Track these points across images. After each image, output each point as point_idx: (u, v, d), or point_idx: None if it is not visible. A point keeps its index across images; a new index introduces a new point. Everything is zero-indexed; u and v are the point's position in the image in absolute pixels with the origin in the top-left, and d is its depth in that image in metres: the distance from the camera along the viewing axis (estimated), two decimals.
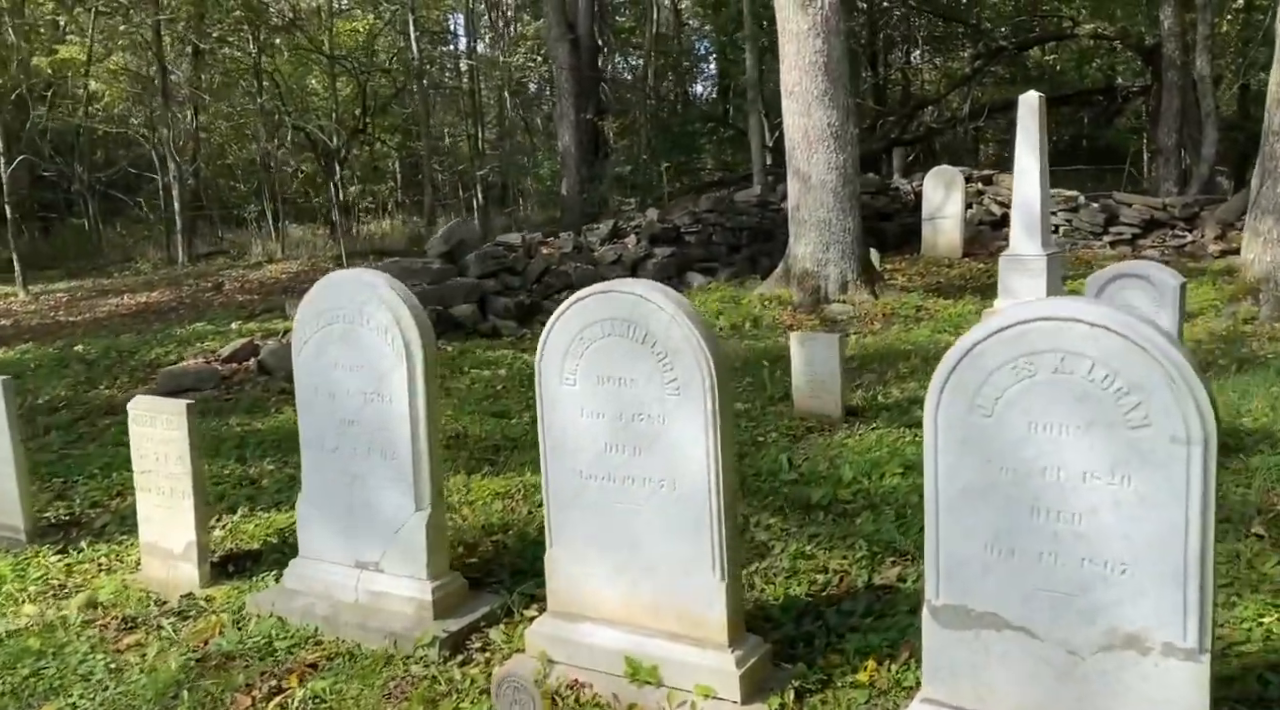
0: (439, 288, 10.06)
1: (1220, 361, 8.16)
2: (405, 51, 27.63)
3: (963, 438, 2.76)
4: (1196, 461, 2.51)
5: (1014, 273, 9.32)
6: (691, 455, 3.14)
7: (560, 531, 3.44)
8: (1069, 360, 2.61)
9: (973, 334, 2.74)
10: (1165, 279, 5.56)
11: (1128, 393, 2.55)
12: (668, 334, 3.12)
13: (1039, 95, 9.22)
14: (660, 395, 3.17)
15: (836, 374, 6.70)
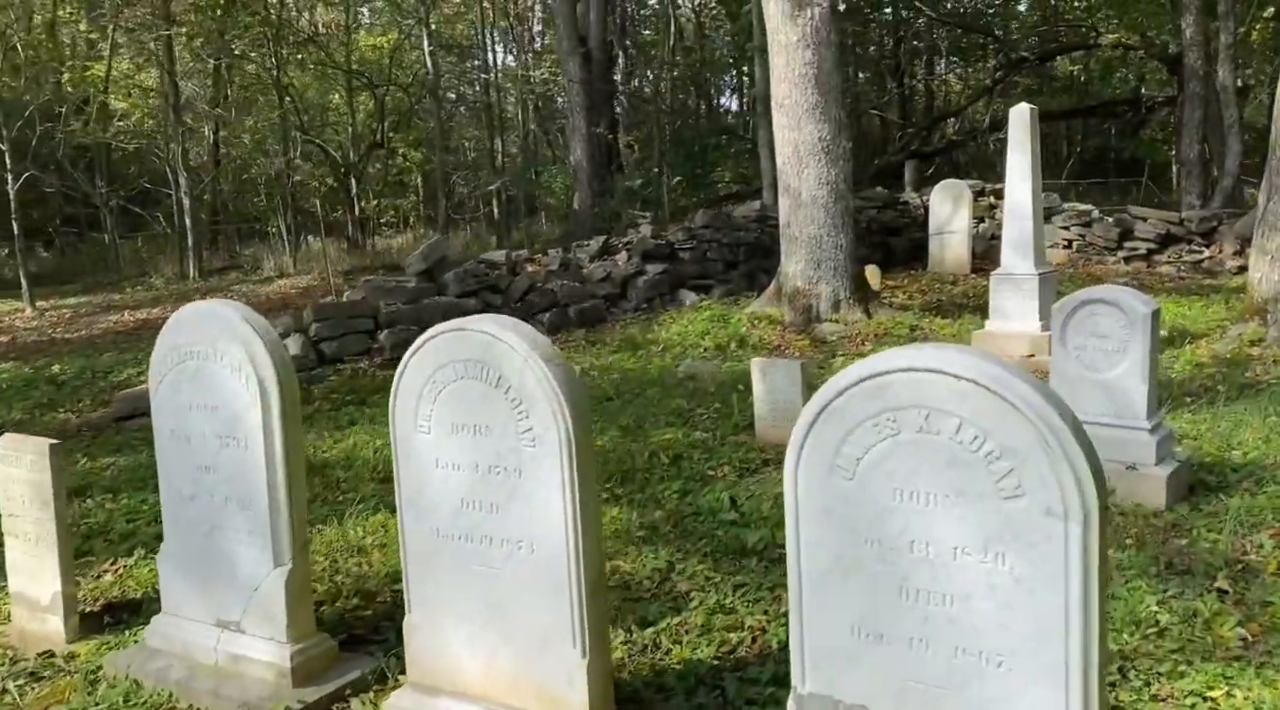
0: (415, 307, 9.80)
1: (1219, 387, 7.73)
2: (422, 66, 27.57)
3: (825, 506, 2.42)
4: (1075, 540, 2.15)
5: (1005, 292, 8.92)
6: (550, 514, 2.82)
7: (418, 596, 3.13)
8: (934, 418, 2.27)
9: (834, 382, 2.41)
10: (1135, 305, 5.17)
11: (999, 457, 2.21)
12: (521, 378, 2.81)
13: (1030, 107, 8.83)
14: (516, 446, 2.85)
15: (799, 403, 6.35)
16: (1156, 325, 5.27)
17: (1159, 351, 5.57)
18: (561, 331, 10.83)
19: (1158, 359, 5.41)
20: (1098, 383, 5.33)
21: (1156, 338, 5.31)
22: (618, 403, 7.83)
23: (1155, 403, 5.34)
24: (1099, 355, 5.32)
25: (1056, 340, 5.44)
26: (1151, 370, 5.22)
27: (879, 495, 2.35)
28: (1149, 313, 5.14)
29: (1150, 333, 5.17)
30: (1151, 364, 5.21)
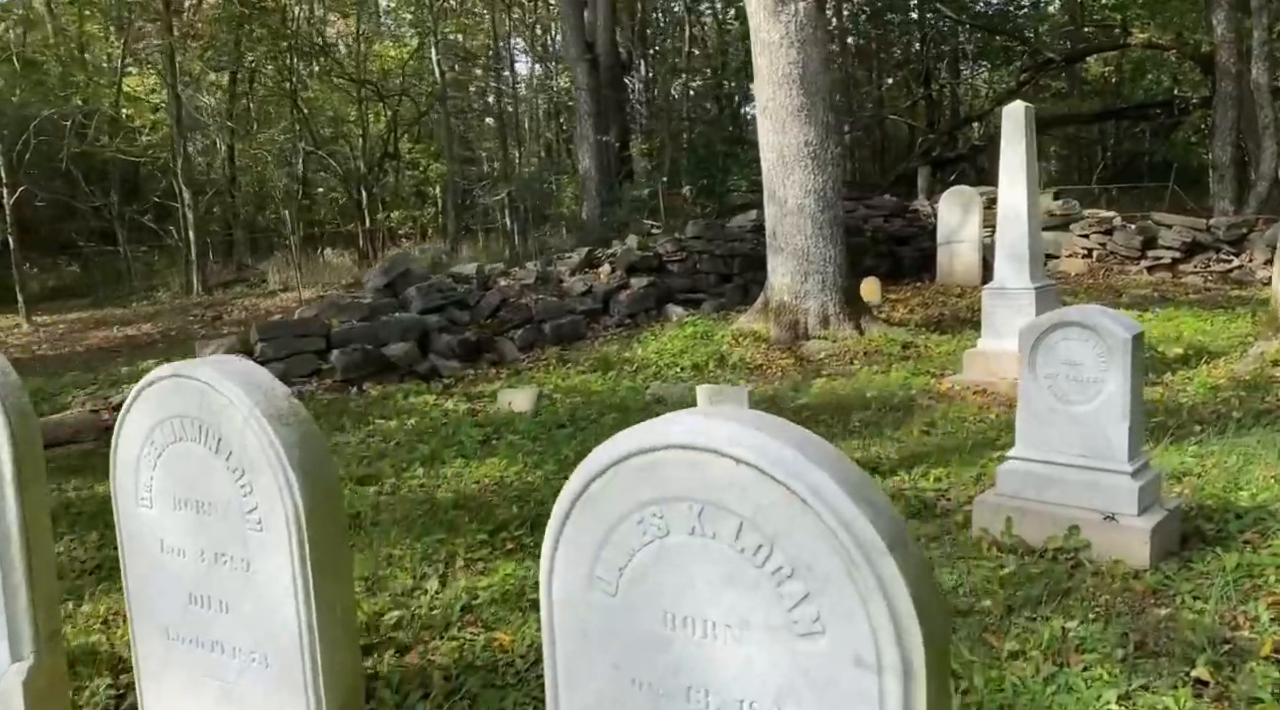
0: (372, 325, 9.24)
1: (1234, 414, 6.97)
2: (430, 75, 27.20)
3: (583, 628, 1.78)
4: (894, 702, 1.50)
5: (998, 308, 8.20)
6: (282, 618, 2.20)
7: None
8: (710, 515, 1.62)
9: (595, 457, 1.77)
10: (1113, 330, 4.47)
11: (790, 576, 1.56)
12: (243, 441, 2.19)
13: (1025, 105, 8.11)
14: (241, 530, 2.24)
15: None
16: (1139, 352, 4.56)
17: (1142, 379, 4.85)
18: (534, 349, 10.23)
19: (1142, 390, 4.70)
20: (1072, 417, 4.63)
21: (1139, 366, 4.60)
22: (569, 430, 7.20)
23: (1139, 441, 4.63)
24: (1072, 386, 4.62)
25: (1025, 369, 4.75)
26: (1133, 404, 4.51)
27: (647, 619, 1.71)
28: (1129, 338, 4.44)
29: (1130, 361, 4.47)
30: (1133, 397, 4.50)
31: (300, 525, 2.13)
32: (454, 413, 7.90)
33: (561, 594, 1.79)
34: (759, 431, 1.59)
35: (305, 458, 2.15)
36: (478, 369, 9.55)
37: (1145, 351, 8.91)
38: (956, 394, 8.02)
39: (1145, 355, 8.84)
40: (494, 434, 7.11)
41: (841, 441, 6.67)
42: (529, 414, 7.78)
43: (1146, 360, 8.72)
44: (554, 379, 8.97)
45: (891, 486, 5.69)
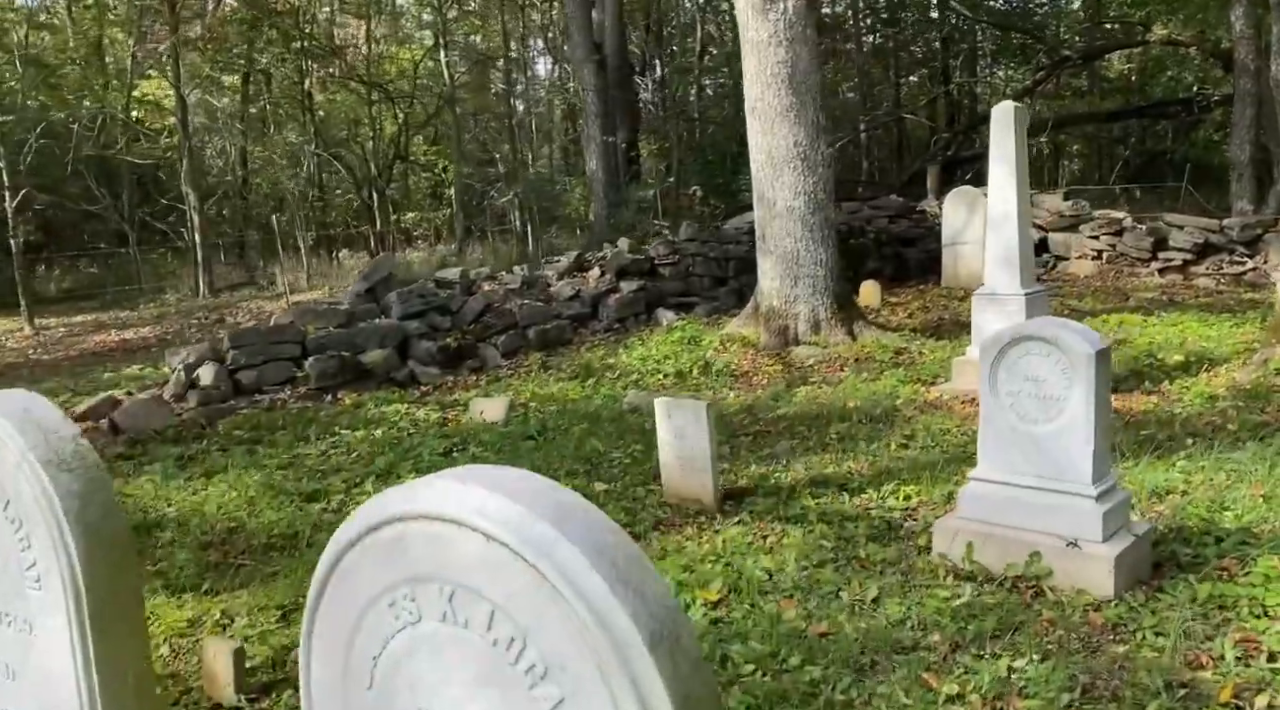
0: (349, 331, 9.05)
1: (1229, 426, 6.65)
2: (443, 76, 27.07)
3: None
4: None
5: (988, 315, 7.90)
6: (63, 691, 1.98)
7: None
8: (462, 600, 1.38)
9: (344, 530, 1.53)
10: (1076, 345, 4.18)
11: (543, 677, 1.32)
12: (18, 489, 1.97)
13: (1015, 104, 7.81)
14: (21, 587, 2.02)
15: (707, 451, 5.44)
16: (1104, 368, 4.27)
17: (1109, 396, 4.56)
18: (518, 355, 10.01)
19: (1108, 408, 4.41)
20: (1034, 437, 4.35)
21: (1104, 383, 4.31)
22: (535, 442, 6.98)
23: (1105, 463, 4.34)
24: (1034, 404, 4.34)
25: (985, 386, 4.47)
26: (1098, 423, 4.22)
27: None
28: (1092, 354, 4.15)
29: (1095, 378, 4.18)
30: (1098, 416, 4.22)
31: (77, 583, 1.91)
32: (424, 422, 7.70)
33: (320, 686, 1.55)
34: (514, 501, 1.34)
35: (87, 508, 1.93)
36: (458, 376, 9.35)
37: (1139, 360, 8.65)
38: (944, 404, 7.73)
39: (1144, 363, 8.57)
40: (458, 445, 6.90)
41: (815, 455, 6.41)
42: (500, 424, 7.56)
43: (1147, 367, 8.44)
44: (532, 386, 8.74)
45: (858, 505, 5.43)
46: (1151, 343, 9.43)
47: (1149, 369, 8.37)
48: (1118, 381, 8.06)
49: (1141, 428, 6.76)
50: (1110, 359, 4.38)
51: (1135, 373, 8.32)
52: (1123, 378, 8.18)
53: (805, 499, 5.48)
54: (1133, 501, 5.30)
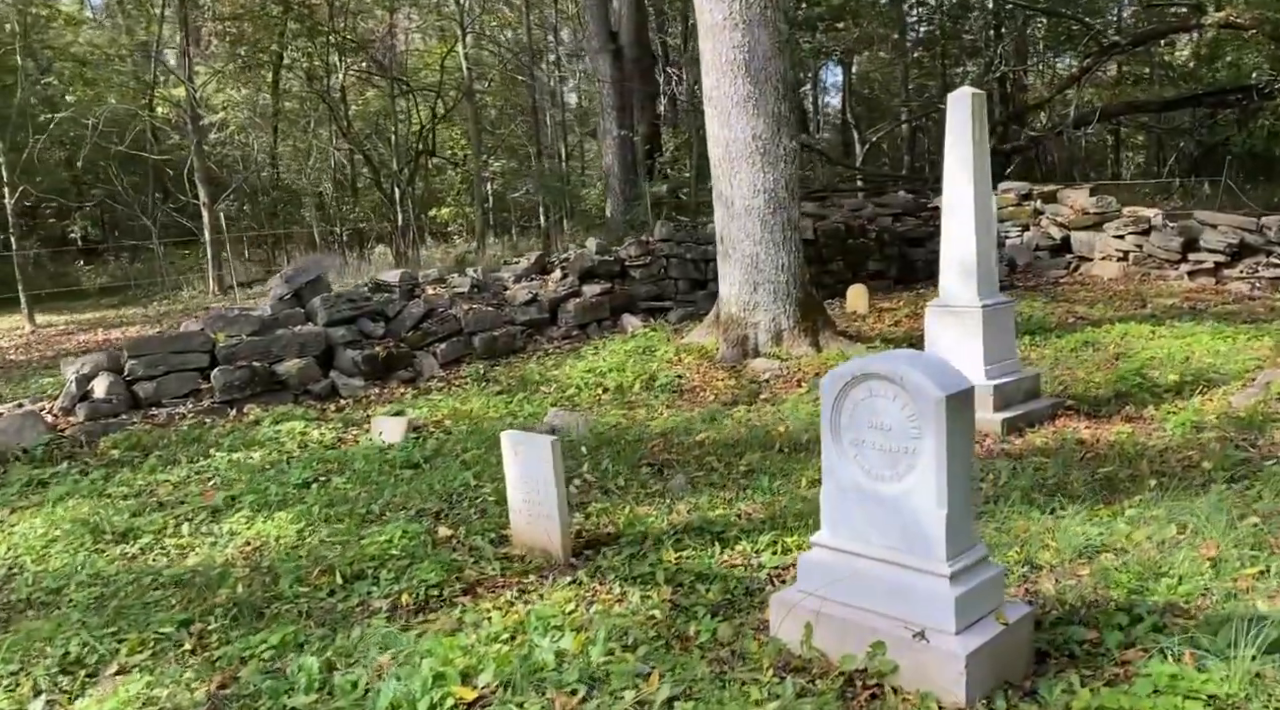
0: (264, 339, 8.44)
1: (1204, 464, 5.72)
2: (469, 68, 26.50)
3: None
4: None
5: (943, 329, 7.01)
6: None
7: None
8: None
9: None
10: (925, 387, 3.34)
11: None
12: None
13: (972, 92, 6.89)
14: None
15: (553, 495, 4.69)
16: (962, 415, 3.43)
17: (971, 450, 3.69)
18: (461, 364, 9.33)
19: (968, 464, 3.55)
20: (881, 498, 3.53)
21: (964, 434, 3.46)
22: (416, 472, 6.28)
23: (964, 534, 3.50)
24: (880, 458, 3.52)
25: (827, 432, 3.66)
26: (953, 484, 3.39)
27: None
28: (941, 398, 3.32)
29: (948, 428, 3.34)
30: (952, 475, 3.38)
31: None
32: (315, 444, 7.05)
33: None
34: None
35: None
36: (386, 388, 8.69)
37: (1127, 379, 7.67)
38: None
39: (1134, 383, 7.59)
40: (323, 475, 6.22)
41: (712, 491, 5.62)
42: (396, 446, 6.89)
43: (1136, 388, 7.46)
44: (454, 402, 8.05)
45: (725, 561, 4.63)
46: (1153, 358, 8.45)
47: (1137, 390, 7.41)
48: (1097, 405, 7.13)
49: (1102, 464, 5.86)
50: (971, 404, 3.52)
51: (1120, 395, 7.38)
52: (1104, 400, 7.25)
53: (668, 552, 4.70)
54: (1053, 564, 4.47)
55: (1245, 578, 4.24)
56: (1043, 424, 6.76)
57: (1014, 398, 6.84)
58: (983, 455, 6.14)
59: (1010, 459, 6.02)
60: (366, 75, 26.78)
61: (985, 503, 5.33)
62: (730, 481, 5.81)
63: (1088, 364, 8.45)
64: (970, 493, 3.56)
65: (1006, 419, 6.60)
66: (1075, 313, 10.72)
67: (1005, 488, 5.52)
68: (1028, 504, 5.24)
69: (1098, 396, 7.40)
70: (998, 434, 6.52)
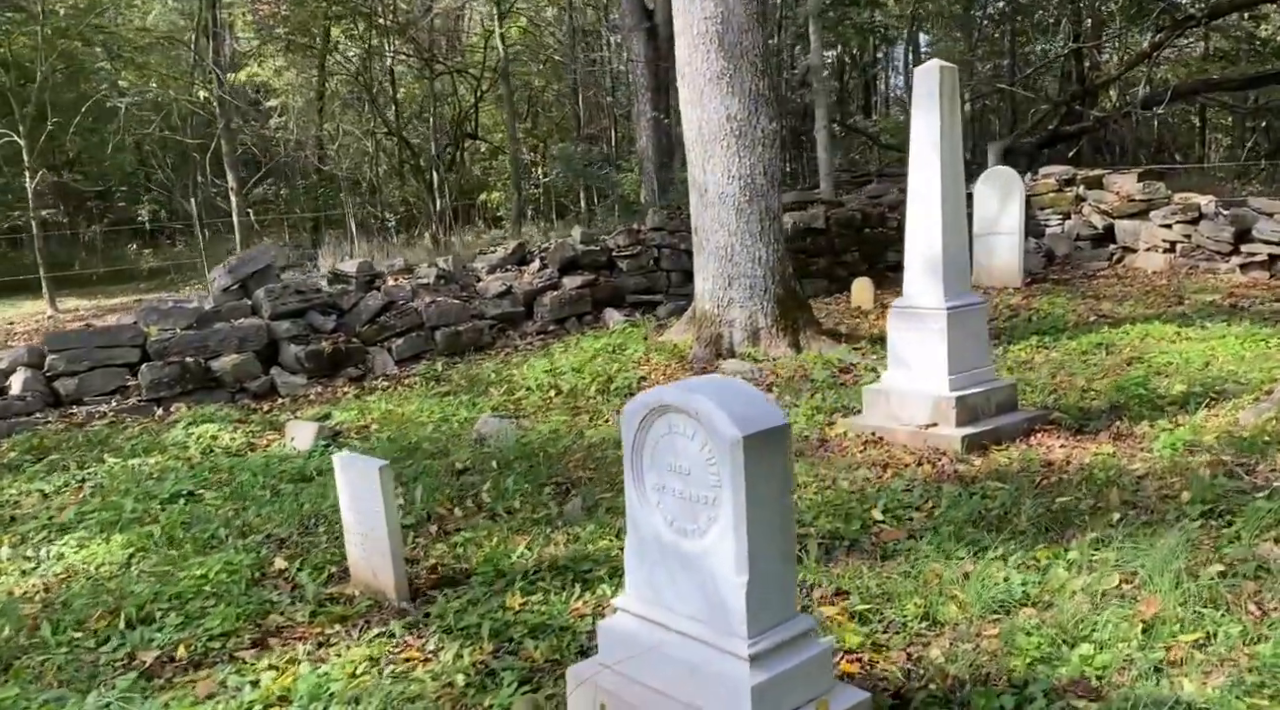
0: (201, 333, 7.99)
1: (1183, 495, 4.90)
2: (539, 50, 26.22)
3: None
4: None
5: (906, 333, 6.25)
6: None
7: None
8: None
9: None
10: (720, 425, 2.66)
11: None
12: None
13: (943, 65, 6.08)
14: None
15: (383, 528, 4.08)
16: (769, 459, 2.73)
17: (785, 503, 2.94)
18: (420, 361, 8.80)
19: (781, 519, 2.84)
20: (684, 557, 2.86)
21: (773, 483, 2.76)
22: (299, 486, 5.74)
23: (773, 608, 2.80)
24: (681, 507, 2.85)
25: (629, 474, 3.00)
26: (760, 544, 2.71)
27: None
28: (739, 438, 2.63)
29: (748, 475, 2.66)
30: (758, 533, 2.70)
31: None
32: (224, 450, 6.56)
33: None
34: None
35: None
36: (330, 386, 8.19)
37: (1127, 389, 6.80)
38: (838, 445, 6.15)
39: (1135, 394, 6.73)
40: (202, 487, 5.72)
41: (608, 517, 4.97)
42: (303, 454, 6.37)
43: (1136, 399, 6.60)
44: (389, 404, 7.51)
45: (576, 609, 3.99)
46: (1169, 364, 7.56)
47: (1136, 402, 6.56)
48: (1086, 419, 6.30)
49: (1064, 492, 5.07)
50: (784, 445, 2.80)
51: (1116, 407, 6.53)
52: (1096, 413, 6.42)
53: (514, 596, 4.07)
54: (956, 621, 3.75)
55: (1180, 646, 3.48)
56: (1015, 441, 5.96)
57: (982, 411, 6.05)
58: (931, 478, 5.39)
59: (960, 483, 5.26)
60: (409, 57, 26.42)
61: (908, 537, 4.60)
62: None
63: (1093, 369, 7.59)
64: (791, 553, 2.86)
65: (969, 435, 5.82)
66: (1099, 310, 9.80)
67: (939, 519, 4.78)
68: (956, 541, 4.50)
69: (1090, 408, 6.56)
70: (956, 453, 5.75)
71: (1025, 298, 10.60)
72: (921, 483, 5.31)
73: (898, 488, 5.22)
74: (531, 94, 31.51)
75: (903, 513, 4.91)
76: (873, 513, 4.90)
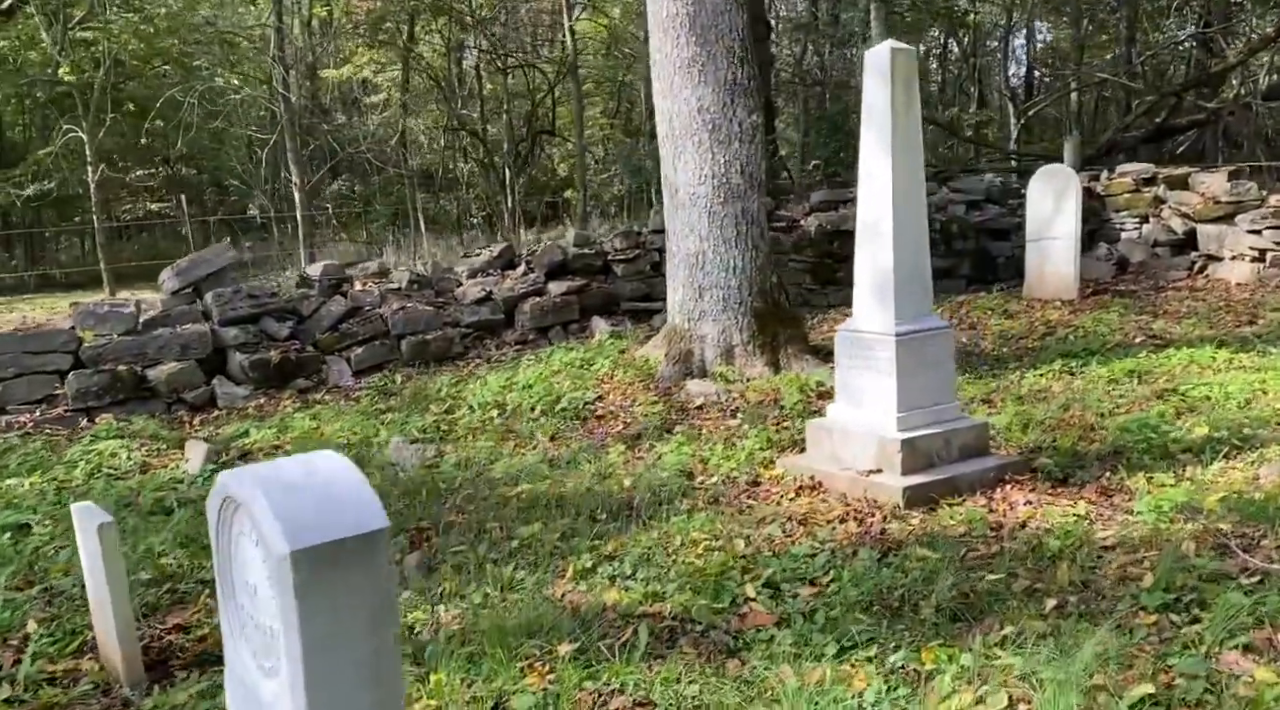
0: (139, 339, 7.54)
1: (1144, 580, 3.93)
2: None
3: None
4: None
5: (853, 361, 5.33)
6: None
7: None
8: None
9: None
10: (269, 534, 1.91)
11: None
12: None
13: (894, 47, 5.12)
14: None
15: (108, 600, 3.44)
16: (360, 582, 1.95)
17: (385, 633, 2.11)
18: (382, 371, 8.21)
19: (387, 663, 2.06)
20: (263, 704, 2.12)
21: (366, 611, 1.99)
22: (130, 524, 5.16)
23: None
24: (260, 638, 2.11)
25: (220, 586, 2.26)
26: (325, 702, 1.94)
27: None
28: (284, 555, 1.87)
29: (309, 605, 1.90)
30: (324, 687, 1.94)
31: None
32: (111, 471, 6.06)
33: None
34: None
35: None
36: (276, 398, 7.67)
37: (1132, 430, 5.72)
38: (767, 491, 5.29)
39: (1142, 436, 5.65)
40: (46, 517, 5.19)
41: (436, 579, 4.24)
42: (188, 479, 5.82)
43: (1141, 442, 5.53)
44: (314, 422, 6.92)
45: None
46: (1205, 398, 6.44)
47: (1144, 448, 5.50)
48: (1076, 466, 5.29)
49: (998, 567, 4.13)
50: (376, 562, 2.02)
51: (1118, 452, 5.50)
52: (1089, 460, 5.40)
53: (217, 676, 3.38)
54: None
55: None
56: (976, 493, 5.00)
57: (939, 456, 5.10)
58: (850, 540, 4.50)
59: (879, 549, 4.36)
60: (484, 53, 26.08)
61: (777, 624, 3.75)
62: (478, 564, 4.41)
63: (1115, 402, 6.51)
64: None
65: (915, 487, 4.88)
66: (1150, 329, 8.61)
67: (828, 599, 3.91)
68: (831, 632, 3.64)
69: (1086, 453, 5.54)
70: (896, 507, 4.83)
71: (1072, 312, 9.44)
72: (835, 546, 4.43)
73: (801, 552, 4.35)
74: (619, 88, 30.94)
75: (789, 587, 4.05)
76: (751, 586, 4.05)
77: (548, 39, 28.55)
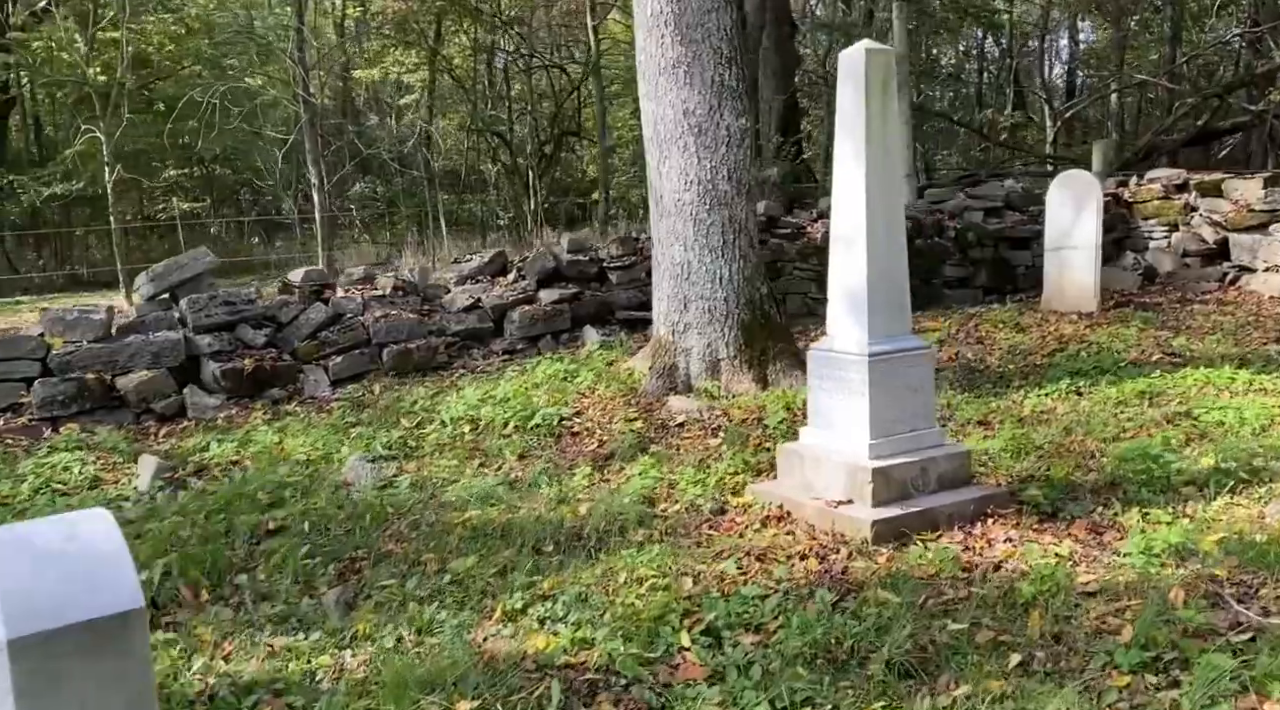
0: (109, 346, 7.33)
1: (1122, 634, 3.56)
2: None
3: None
4: None
5: (825, 382, 4.97)
6: None
7: None
8: None
9: None
10: None
11: None
12: None
13: (869, 48, 4.75)
14: None
15: None
16: (103, 672, 1.66)
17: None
18: (362, 380, 7.96)
19: None
20: None
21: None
22: None
23: None
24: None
25: None
26: None
27: None
28: (3, 643, 1.58)
29: (28, 702, 1.60)
30: None
31: None
32: (60, 486, 5.84)
33: None
34: None
35: None
36: (247, 408, 7.43)
37: (1140, 461, 5.30)
38: (731, 521, 4.95)
39: (1141, 467, 5.24)
40: None
41: (341, 618, 3.95)
42: (133, 498, 5.59)
43: (1139, 474, 5.12)
44: (276, 437, 6.67)
45: None
46: (1219, 423, 6.02)
47: (1144, 479, 5.10)
48: (1067, 498, 4.90)
49: (961, 615, 3.77)
50: (129, 638, 1.72)
51: (1114, 484, 5.10)
52: (1082, 493, 5.01)
53: None
54: None
55: None
56: (952, 528, 4.63)
57: (914, 486, 4.74)
58: (808, 580, 4.14)
59: (837, 591, 4.00)
60: (509, 54, 25.91)
61: (708, 679, 3.41)
62: (402, 602, 4.11)
63: (1121, 426, 6.10)
64: None
65: (885, 520, 4.52)
66: (1168, 346, 8.15)
67: (771, 649, 3.57)
68: (765, 689, 3.30)
69: (1080, 484, 5.15)
70: (860, 543, 4.47)
71: (1089, 326, 8.99)
72: (790, 587, 4.08)
73: (751, 593, 4.00)
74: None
75: (731, 635, 3.71)
76: (689, 633, 3.72)
77: (573, 40, 28.30)
